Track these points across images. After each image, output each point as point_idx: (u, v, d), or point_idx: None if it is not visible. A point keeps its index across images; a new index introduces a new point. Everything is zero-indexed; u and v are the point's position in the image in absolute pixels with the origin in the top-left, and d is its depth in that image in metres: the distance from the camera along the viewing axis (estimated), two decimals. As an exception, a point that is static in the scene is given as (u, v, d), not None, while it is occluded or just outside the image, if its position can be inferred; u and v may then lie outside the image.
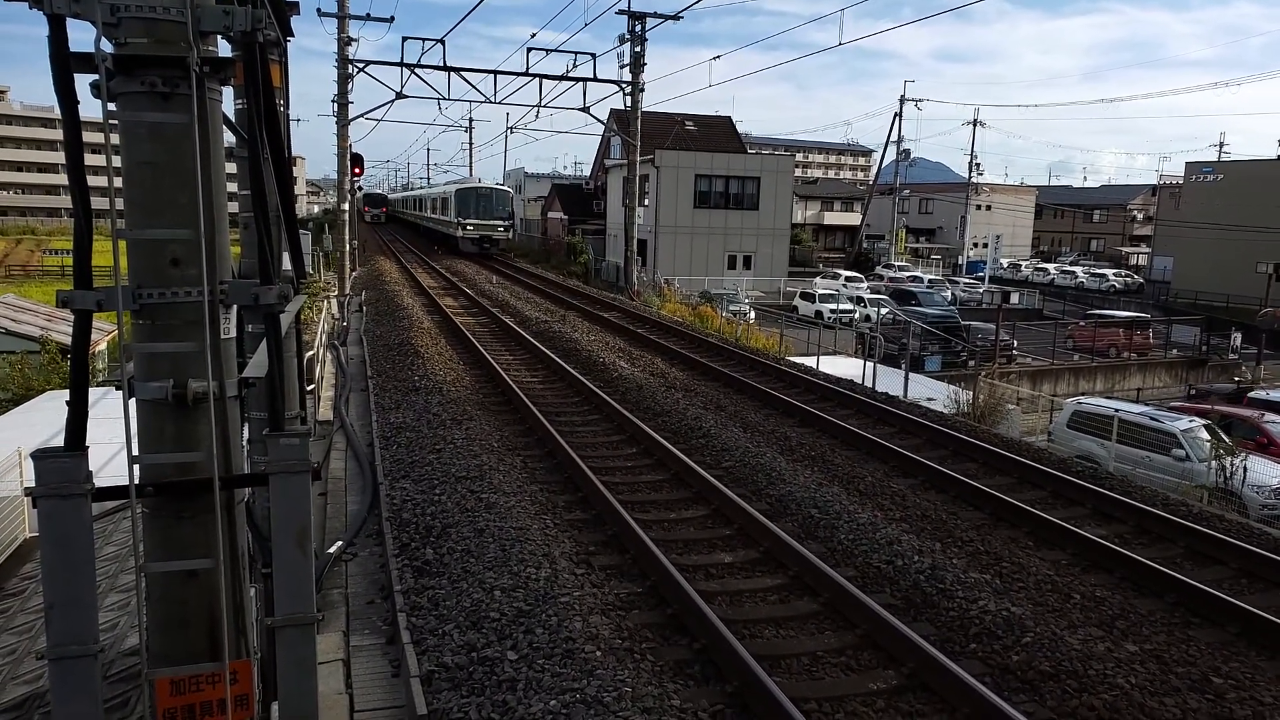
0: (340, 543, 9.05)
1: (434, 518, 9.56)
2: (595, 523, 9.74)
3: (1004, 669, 6.85)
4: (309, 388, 14.91)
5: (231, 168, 4.97)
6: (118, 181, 3.32)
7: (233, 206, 5.82)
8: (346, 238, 34.23)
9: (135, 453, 3.37)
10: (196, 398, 3.44)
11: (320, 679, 6.16)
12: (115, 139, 3.34)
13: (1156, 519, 10.01)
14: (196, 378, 3.45)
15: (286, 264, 6.53)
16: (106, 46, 3.23)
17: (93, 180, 3.44)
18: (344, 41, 31.06)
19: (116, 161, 3.27)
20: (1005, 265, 73.25)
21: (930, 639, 7.13)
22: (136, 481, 3.34)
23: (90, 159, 3.78)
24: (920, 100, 68.16)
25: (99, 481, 3.39)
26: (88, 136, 3.69)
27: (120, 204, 3.40)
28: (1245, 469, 14.69)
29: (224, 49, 3.94)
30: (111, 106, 3.25)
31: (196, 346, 3.45)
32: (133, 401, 3.44)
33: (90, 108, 3.49)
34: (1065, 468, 12.21)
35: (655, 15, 31.78)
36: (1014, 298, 55.48)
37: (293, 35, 6.22)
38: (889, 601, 7.97)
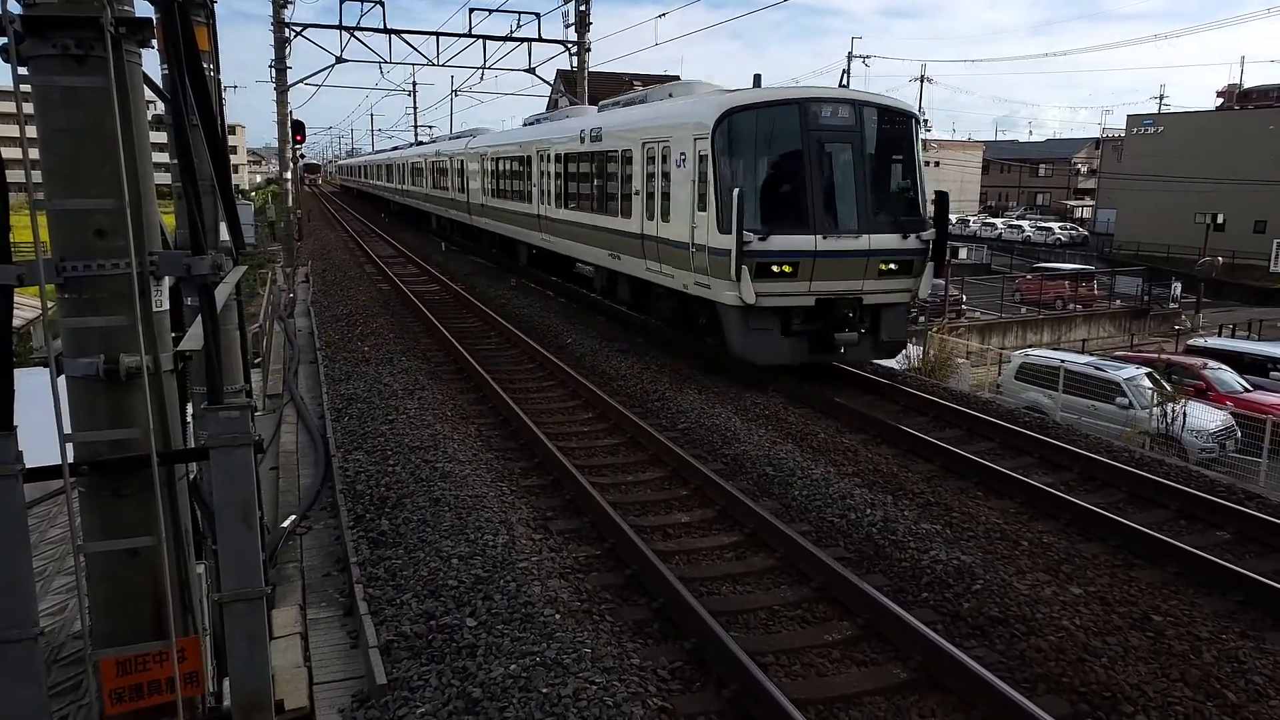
0: (294, 516, 8.95)
1: (388, 488, 9.48)
2: (553, 488, 9.75)
3: (955, 616, 7.01)
4: (255, 360, 14.66)
5: (165, 136, 4.81)
6: (34, 151, 3.19)
7: (168, 176, 5.67)
8: (291, 207, 33.51)
9: (67, 431, 3.27)
10: (130, 373, 3.35)
11: (277, 653, 6.13)
12: (30, 107, 3.20)
13: (1102, 465, 10.25)
14: (129, 352, 3.35)
15: (225, 234, 6.39)
16: (14, 8, 3.09)
17: (7, 152, 3.31)
18: (279, 4, 30.21)
19: (32, 131, 3.14)
20: (954, 221, 74.09)
21: (884, 590, 7.26)
22: (70, 460, 3.25)
23: (3, 128, 3.64)
24: (868, 57, 68.73)
25: (42, 463, 3.29)
26: (0, 104, 3.55)
27: (38, 175, 3.27)
28: (1185, 415, 15.11)
29: (144, 9, 3.79)
30: (23, 71, 3.11)
31: (127, 320, 3.35)
32: (64, 379, 3.34)
33: (0, 73, 3.34)
34: (1013, 419, 12.45)
35: (600, -26, 31.27)
36: (962, 253, 56.21)
37: (220, -4, 6.02)
38: (843, 554, 8.09)
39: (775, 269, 12.76)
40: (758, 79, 15.44)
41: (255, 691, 3.50)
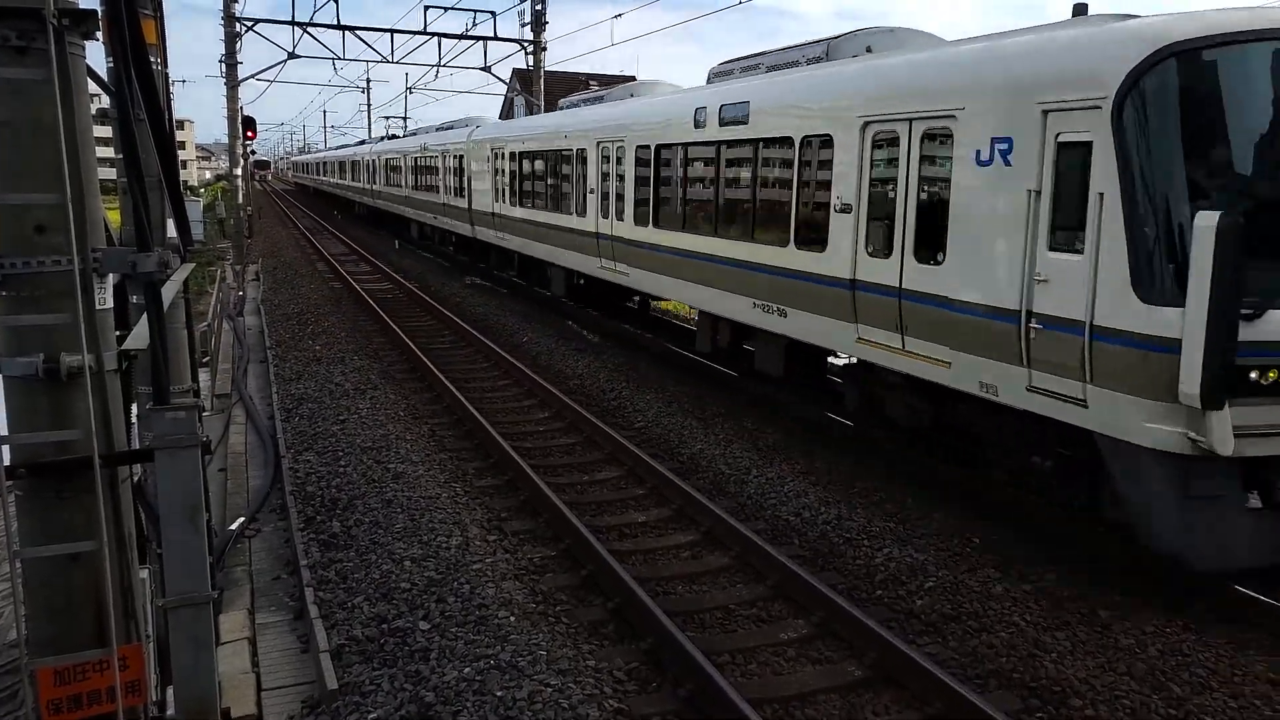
0: (242, 519, 8.79)
1: (340, 490, 9.36)
2: (508, 488, 9.68)
3: (909, 613, 7.08)
4: (203, 359, 14.38)
5: (110, 130, 4.70)
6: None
7: (114, 171, 5.53)
8: (241, 203, 32.92)
9: (4, 432, 3.17)
10: (71, 372, 3.25)
11: (224, 659, 6.00)
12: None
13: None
14: (70, 351, 3.26)
15: (172, 231, 6.25)
16: (-49, -4, 2.99)
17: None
18: (230, -2, 29.67)
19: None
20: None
21: (838, 588, 7.32)
22: (8, 463, 3.15)
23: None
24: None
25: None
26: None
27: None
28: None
29: (89, 1, 3.69)
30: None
31: (68, 318, 3.26)
32: (1, 379, 3.24)
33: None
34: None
35: (556, -28, 31.16)
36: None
37: (167, -13, 5.88)
38: (798, 552, 8.14)
39: (1266, 378, 6.56)
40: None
41: (201, 699, 3.43)
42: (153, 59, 5.96)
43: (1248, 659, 6.35)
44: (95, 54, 4.83)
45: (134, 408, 5.22)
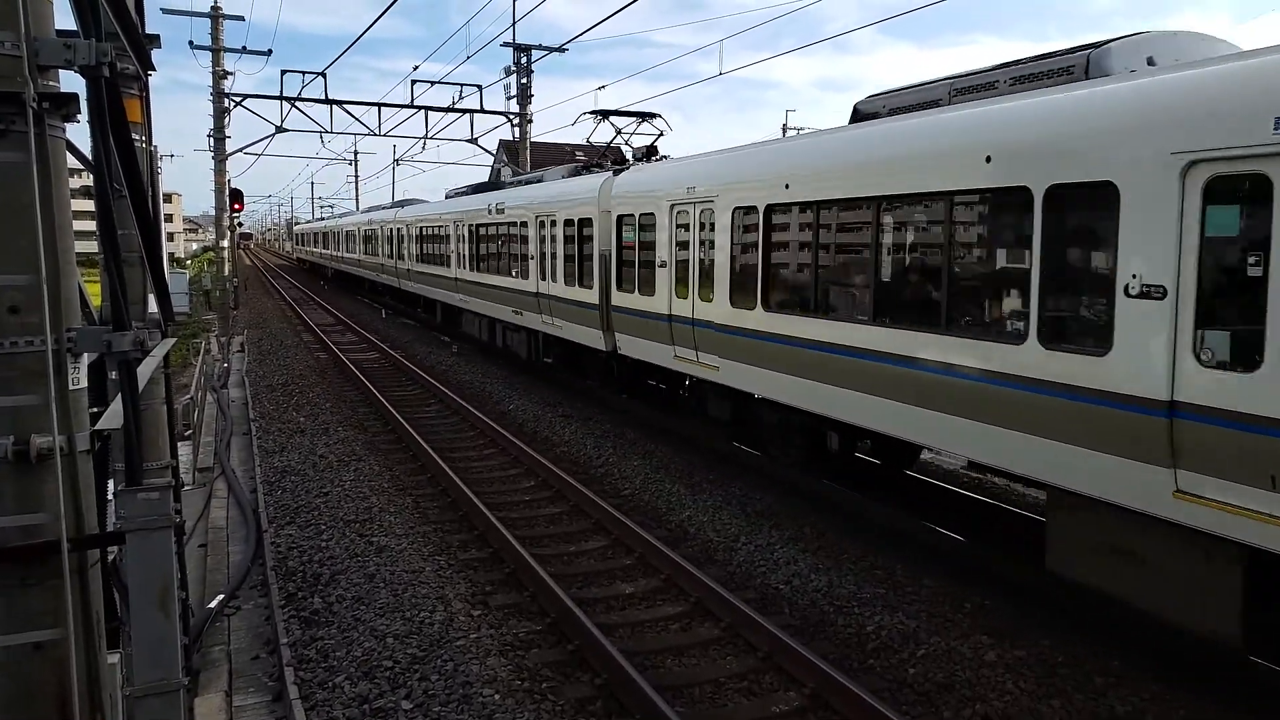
0: (221, 596, 8.60)
1: (322, 564, 9.20)
2: (493, 561, 9.53)
3: (901, 683, 6.95)
4: (185, 433, 14.25)
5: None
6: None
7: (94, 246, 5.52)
8: (227, 275, 33.01)
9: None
10: (41, 454, 3.19)
11: (199, 745, 5.82)
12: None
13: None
14: (41, 433, 3.20)
15: (154, 306, 6.23)
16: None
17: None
18: (219, 75, 30.16)
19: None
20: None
21: (829, 657, 7.18)
22: (-27, 548, 3.07)
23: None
24: (802, 128, 70.27)
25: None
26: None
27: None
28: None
29: (73, 81, 3.72)
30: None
31: (39, 399, 3.21)
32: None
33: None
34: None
35: (540, 47, 31.89)
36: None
37: (154, 69, 5.97)
38: (788, 622, 8.01)
39: None
40: None
41: (170, 792, 3.30)
42: (137, 136, 6.03)
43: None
44: (80, 128, 4.87)
45: (110, 484, 5.13)
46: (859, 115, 10.45)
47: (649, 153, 16.59)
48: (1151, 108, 6.64)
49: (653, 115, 17.88)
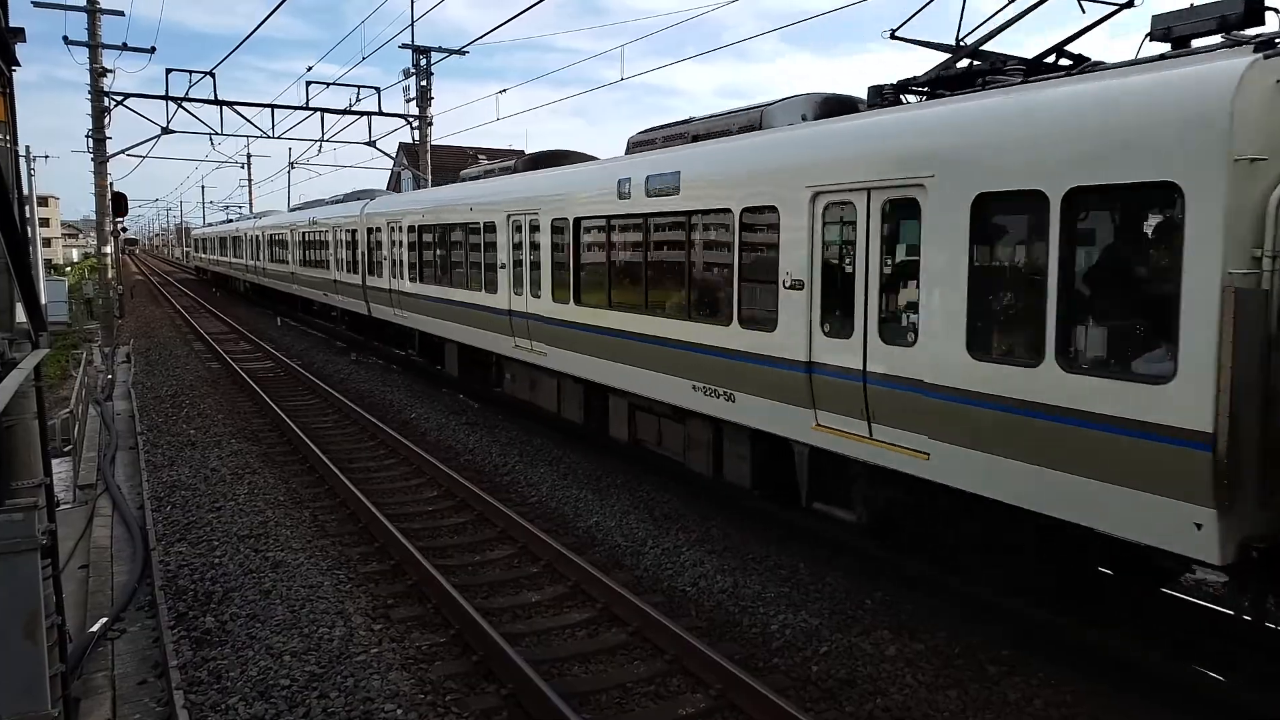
0: (105, 619, 8.17)
1: (214, 582, 8.85)
2: (394, 573, 9.31)
3: (805, 680, 7.05)
4: (65, 449, 13.53)
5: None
6: None
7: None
8: (111, 282, 31.48)
9: None
10: (-110, 474, 2.96)
11: (78, 778, 5.50)
12: None
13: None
14: (-111, 451, 2.97)
15: (22, 315, 5.87)
16: None
17: None
18: (98, 73, 28.74)
19: None
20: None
21: (735, 658, 7.24)
22: None
23: None
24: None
25: None
26: None
27: None
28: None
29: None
30: None
31: (-112, 415, 2.98)
32: None
33: None
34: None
35: (440, 50, 31.43)
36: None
37: (18, 65, 5.66)
38: (694, 624, 8.05)
39: None
40: None
41: (42, 830, 3.10)
42: (2, 135, 5.68)
43: (1128, 705, 6.53)
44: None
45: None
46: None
47: None
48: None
49: None
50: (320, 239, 28.71)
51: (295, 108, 30.76)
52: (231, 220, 62.13)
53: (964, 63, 8.08)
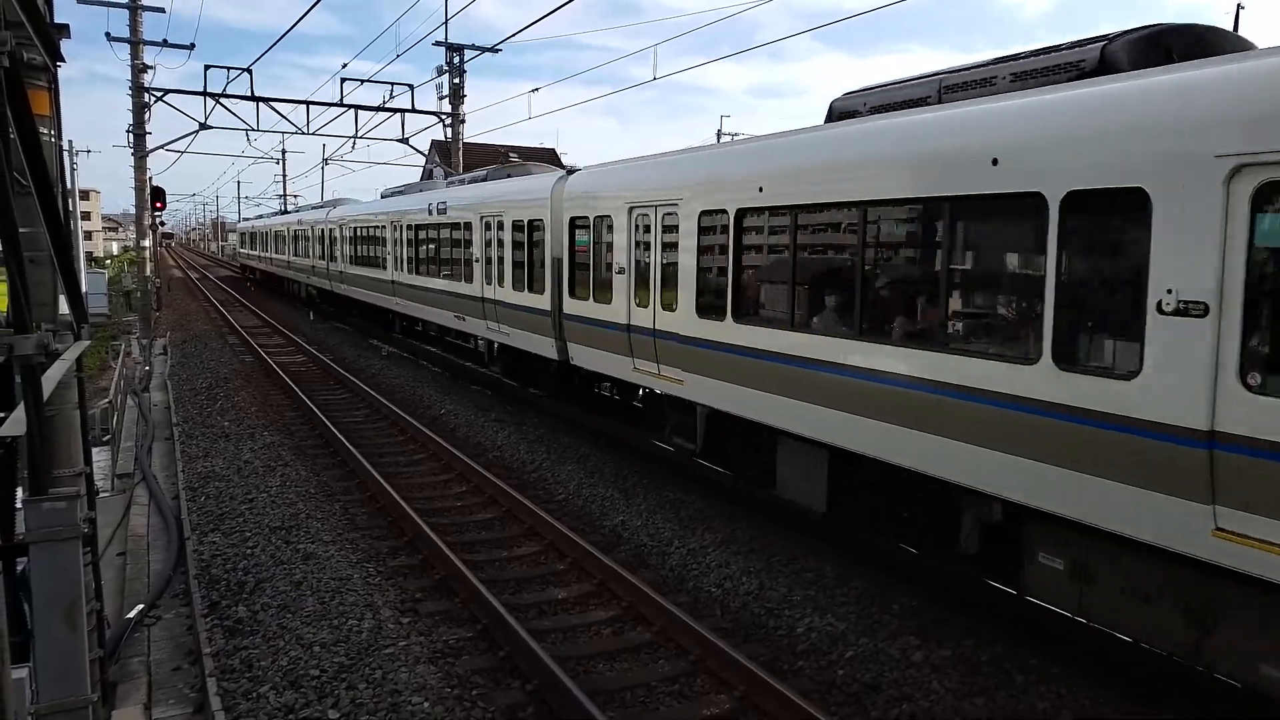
0: (141, 606, 8.33)
1: (246, 572, 8.97)
2: (422, 567, 9.39)
3: (830, 684, 7.03)
4: (104, 438, 13.78)
5: None
6: None
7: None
8: (150, 276, 31.98)
9: None
10: (-64, 463, 3.05)
11: (113, 762, 5.61)
12: None
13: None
14: (-64, 440, 3.06)
15: (65, 307, 5.99)
16: None
17: None
18: (139, 69, 29.19)
19: None
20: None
21: (760, 659, 7.23)
22: None
23: None
24: (736, 134, 70.88)
25: None
26: None
27: None
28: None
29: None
30: None
31: (-63, 405, 3.06)
32: None
33: None
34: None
35: (473, 48, 31.60)
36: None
37: (63, 61, 5.76)
38: (719, 625, 8.05)
39: None
40: None
41: (79, 812, 3.17)
42: (46, 130, 5.80)
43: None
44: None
45: (18, 492, 4.92)
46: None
47: None
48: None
49: None
50: (451, 236, 19.83)
51: (330, 104, 31.07)
52: (290, 211, 51.99)
53: None
